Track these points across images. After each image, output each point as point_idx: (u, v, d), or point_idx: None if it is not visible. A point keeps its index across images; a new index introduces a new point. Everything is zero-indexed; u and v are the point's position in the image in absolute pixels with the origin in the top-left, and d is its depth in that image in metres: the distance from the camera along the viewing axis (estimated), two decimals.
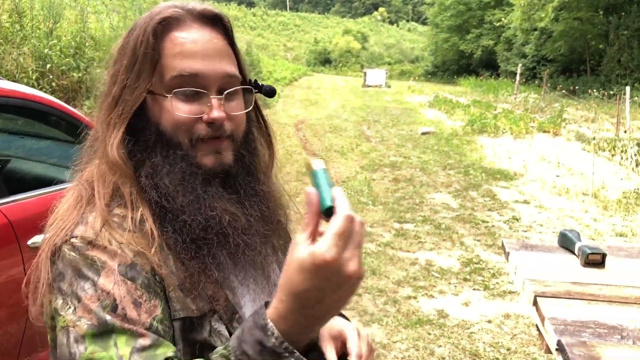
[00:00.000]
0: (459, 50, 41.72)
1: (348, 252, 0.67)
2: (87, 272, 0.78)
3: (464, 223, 6.36)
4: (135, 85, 0.86)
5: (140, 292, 0.79)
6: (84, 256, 0.79)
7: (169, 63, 0.86)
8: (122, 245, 0.80)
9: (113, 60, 0.91)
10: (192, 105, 0.87)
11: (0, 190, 2.19)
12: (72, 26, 10.10)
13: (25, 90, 2.63)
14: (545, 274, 2.28)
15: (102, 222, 0.82)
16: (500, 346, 3.66)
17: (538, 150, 11.17)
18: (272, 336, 0.68)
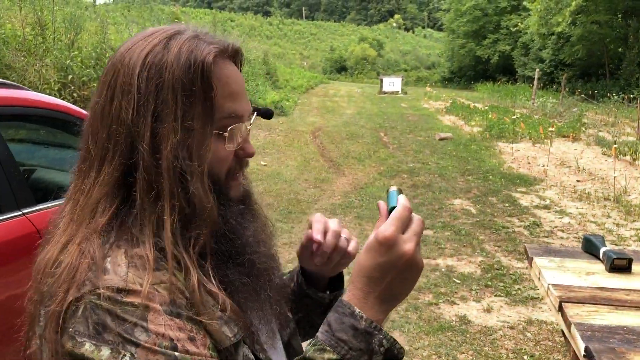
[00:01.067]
0: (475, 56, 41.57)
1: (406, 234, 0.80)
2: (131, 318, 0.73)
3: (484, 229, 6.32)
4: (205, 129, 0.82)
5: (189, 326, 0.77)
6: (122, 303, 0.74)
7: (221, 104, 0.84)
8: (155, 285, 0.76)
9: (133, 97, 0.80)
10: (234, 141, 0.87)
11: (28, 199, 2.23)
12: (93, 38, 10.26)
13: (49, 100, 2.68)
14: (570, 280, 2.26)
15: (126, 265, 0.77)
16: (524, 353, 3.63)
17: (557, 155, 11.07)
18: (362, 319, 0.78)
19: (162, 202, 0.79)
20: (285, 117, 16.08)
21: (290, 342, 1.01)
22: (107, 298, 0.74)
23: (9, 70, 8.11)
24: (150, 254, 0.78)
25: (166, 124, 0.79)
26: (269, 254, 0.95)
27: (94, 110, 0.84)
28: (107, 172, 0.81)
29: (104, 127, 0.81)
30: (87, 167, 0.84)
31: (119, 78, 0.82)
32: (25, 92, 2.58)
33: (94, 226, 0.79)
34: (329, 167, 9.69)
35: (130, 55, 0.83)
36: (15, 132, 2.83)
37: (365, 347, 0.78)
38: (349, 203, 7.30)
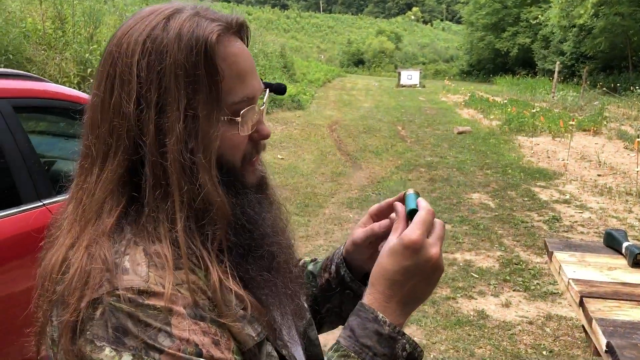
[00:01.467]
0: (494, 49, 41.13)
1: (431, 238, 0.80)
2: (155, 323, 0.69)
3: (502, 223, 6.26)
4: (211, 117, 0.76)
5: (213, 329, 0.72)
6: (144, 306, 0.69)
7: (229, 87, 0.78)
8: (177, 285, 0.72)
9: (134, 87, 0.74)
10: (247, 124, 0.81)
11: (48, 191, 2.25)
12: (111, 31, 10.32)
13: (69, 92, 2.70)
14: (591, 275, 2.23)
15: (146, 264, 0.72)
16: (543, 348, 3.59)
17: (578, 149, 10.93)
18: (386, 324, 0.78)
19: (171, 199, 0.74)
20: (302, 111, 16.07)
21: (306, 333, 0.98)
22: (128, 300, 0.69)
23: (30, 63, 8.20)
24: (169, 252, 0.73)
25: (170, 114, 0.74)
26: (287, 244, 0.90)
27: (93, 103, 0.78)
28: (111, 169, 0.76)
29: (105, 121, 0.76)
30: (89, 164, 0.78)
31: (117, 67, 0.76)
32: (46, 84, 2.60)
33: (102, 228, 0.74)
34: (346, 161, 9.67)
35: (128, 40, 0.76)
36: (36, 124, 2.86)
37: (389, 352, 0.77)
38: (365, 197, 7.28)
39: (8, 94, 2.20)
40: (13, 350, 2.02)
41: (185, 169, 0.74)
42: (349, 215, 6.45)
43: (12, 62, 7.69)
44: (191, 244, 0.75)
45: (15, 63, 7.74)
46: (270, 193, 0.92)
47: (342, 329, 0.81)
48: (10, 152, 2.11)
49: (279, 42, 27.40)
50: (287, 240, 0.91)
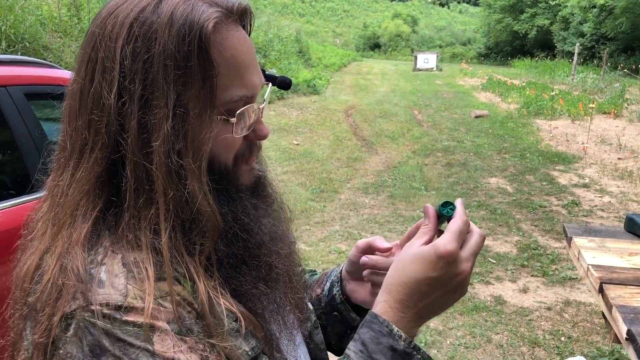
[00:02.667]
0: (512, 31, 40.51)
1: (465, 252, 0.73)
2: (135, 342, 0.62)
3: (520, 208, 6.19)
4: (203, 116, 0.67)
5: (202, 344, 0.66)
6: (123, 323, 0.62)
7: (224, 83, 0.69)
8: (159, 299, 0.64)
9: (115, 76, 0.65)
10: (243, 123, 0.73)
11: None
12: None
13: None
14: (611, 260, 2.18)
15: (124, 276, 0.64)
16: (561, 334, 3.55)
17: (598, 132, 10.75)
18: (401, 339, 0.70)
19: (155, 206, 0.66)
20: (317, 96, 16.00)
21: (311, 336, 0.93)
22: (104, 316, 0.61)
23: (46, 51, 8.24)
24: (150, 261, 0.65)
25: (156, 110, 0.65)
26: (288, 251, 0.82)
27: (72, 90, 0.69)
28: (86, 167, 0.67)
29: (83, 112, 0.67)
30: (65, 158, 0.70)
31: (99, 51, 0.66)
32: (58, 71, 2.60)
33: (76, 234, 0.66)
34: (362, 146, 9.62)
35: (114, 21, 0.67)
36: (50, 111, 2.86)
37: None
38: (381, 182, 7.24)
39: (20, 81, 2.20)
40: None
41: (171, 174, 0.66)
42: (364, 200, 6.42)
43: (28, 49, 7.73)
44: (176, 254, 0.67)
45: (32, 51, 7.78)
46: (268, 194, 0.83)
47: (352, 340, 0.73)
48: (22, 139, 2.11)
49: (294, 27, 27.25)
50: (287, 246, 0.82)
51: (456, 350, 3.34)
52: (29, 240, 0.73)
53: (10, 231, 1.96)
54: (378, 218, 5.70)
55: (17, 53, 7.31)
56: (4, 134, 2.14)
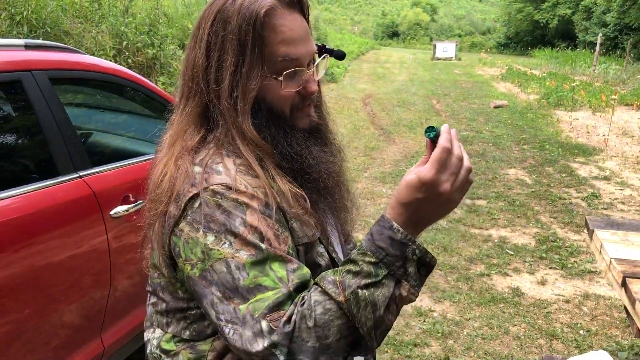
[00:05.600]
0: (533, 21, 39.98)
1: (444, 175, 0.90)
2: (236, 212, 0.93)
3: (539, 200, 6.14)
4: (251, 74, 0.99)
5: (276, 225, 0.95)
6: (230, 199, 0.94)
7: (274, 50, 1.00)
8: (255, 188, 0.96)
9: (204, 45, 1.01)
10: (293, 81, 1.04)
11: (84, 162, 2.27)
12: (147, 4, 10.36)
13: (106, 64, 2.71)
14: (634, 254, 2.16)
15: (234, 170, 0.97)
16: (580, 327, 3.53)
17: (619, 124, 10.60)
18: (399, 232, 0.92)
19: (230, 132, 1.01)
20: (335, 84, 15.94)
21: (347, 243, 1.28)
22: (218, 193, 0.94)
23: (67, 36, 8.29)
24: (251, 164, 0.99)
25: (224, 70, 0.99)
26: (336, 179, 1.13)
27: (185, 55, 1.06)
28: (191, 106, 1.04)
29: (188, 69, 1.04)
30: (182, 100, 1.06)
31: (199, 29, 1.03)
32: (82, 56, 2.61)
33: (187, 146, 1.02)
34: (380, 135, 9.58)
35: (209, 10, 1.02)
36: (73, 96, 2.88)
37: (400, 254, 0.91)
38: (399, 172, 7.21)
39: (44, 66, 2.21)
40: (54, 318, 2.06)
41: (230, 111, 1.00)
42: (382, 190, 6.41)
43: (49, 35, 7.78)
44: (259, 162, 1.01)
45: (53, 36, 7.83)
46: (325, 137, 1.15)
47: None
48: (46, 123, 2.12)
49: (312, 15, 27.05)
50: (337, 174, 1.13)
51: (473, 341, 3.33)
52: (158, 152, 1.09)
53: (33, 215, 1.98)
54: None
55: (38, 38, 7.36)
56: (29, 119, 2.16)
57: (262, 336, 0.88)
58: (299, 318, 0.88)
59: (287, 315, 0.89)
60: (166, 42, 9.94)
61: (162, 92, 2.96)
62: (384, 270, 0.91)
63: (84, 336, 2.25)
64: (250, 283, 0.90)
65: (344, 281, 0.90)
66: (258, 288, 0.90)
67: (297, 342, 0.88)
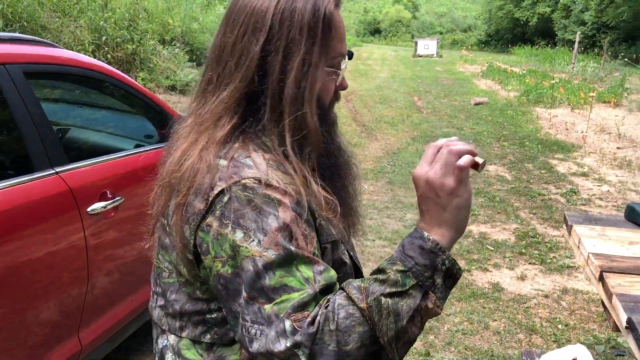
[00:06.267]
0: (513, 18, 40.34)
1: (432, 170, 0.93)
2: (267, 209, 0.90)
3: (519, 196, 6.20)
4: (319, 65, 1.00)
5: (304, 225, 0.93)
6: (261, 195, 0.91)
7: (333, 45, 1.03)
8: (286, 184, 0.94)
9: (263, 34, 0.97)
10: (339, 77, 1.08)
11: (61, 158, 2.23)
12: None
13: (84, 59, 2.66)
14: (611, 249, 2.18)
15: (265, 164, 0.95)
16: (558, 322, 3.57)
17: (597, 121, 10.74)
18: (429, 241, 0.91)
19: (283, 122, 0.98)
20: None
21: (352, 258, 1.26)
22: (249, 188, 0.91)
23: (45, 31, 8.16)
24: (281, 159, 0.98)
25: (291, 59, 0.98)
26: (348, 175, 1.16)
27: (222, 44, 1.02)
28: (229, 93, 0.99)
29: (233, 57, 0.99)
30: (212, 88, 1.02)
31: (251, 18, 0.99)
32: (59, 50, 2.56)
33: (215, 137, 0.98)
34: (361, 132, 9.59)
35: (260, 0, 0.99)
36: (50, 91, 2.83)
37: (429, 264, 0.90)
38: (381, 168, 7.23)
39: (19, 59, 2.16)
40: (30, 316, 2.03)
41: (296, 100, 0.98)
42: (363, 186, 6.41)
43: (26, 29, 7.66)
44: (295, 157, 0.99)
45: (30, 30, 7.70)
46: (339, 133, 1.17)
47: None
48: (21, 118, 2.08)
49: None
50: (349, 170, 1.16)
51: (454, 337, 3.35)
52: (175, 142, 1.04)
53: (9, 211, 1.94)
54: (377, 204, 5.70)
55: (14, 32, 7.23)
56: (2, 113, 2.12)
57: (285, 336, 0.86)
58: (322, 320, 0.87)
59: (312, 316, 0.87)
60: (146, 37, 9.84)
61: (141, 87, 2.93)
62: (412, 280, 0.89)
63: (61, 334, 2.22)
64: (276, 283, 0.88)
65: (368, 288, 0.89)
66: (284, 288, 0.88)
67: (319, 344, 0.86)
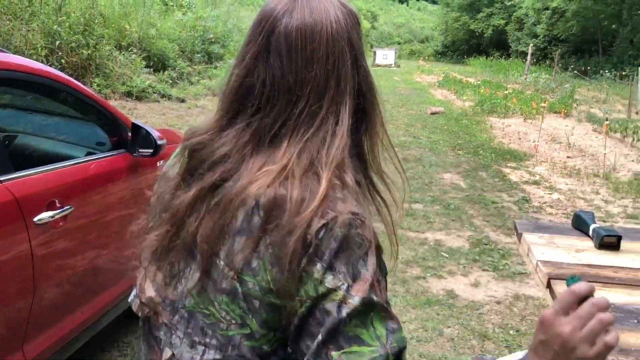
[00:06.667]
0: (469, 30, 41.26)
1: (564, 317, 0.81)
2: (359, 252, 0.83)
3: (473, 204, 6.32)
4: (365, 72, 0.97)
5: (377, 270, 0.86)
6: (357, 235, 0.83)
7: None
8: (370, 221, 0.87)
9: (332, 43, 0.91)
10: None
11: (5, 166, 2.16)
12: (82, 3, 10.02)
13: (34, 65, 2.59)
14: (559, 256, 2.24)
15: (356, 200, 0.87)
16: (510, 327, 3.64)
17: (548, 131, 11.06)
18: None
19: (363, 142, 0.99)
20: None
21: None
22: (349, 225, 0.82)
23: None
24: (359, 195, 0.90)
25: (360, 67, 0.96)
26: None
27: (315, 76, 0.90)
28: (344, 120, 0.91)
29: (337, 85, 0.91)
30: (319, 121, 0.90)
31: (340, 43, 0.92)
32: (7, 55, 2.49)
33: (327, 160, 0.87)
34: None
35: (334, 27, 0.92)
36: None
37: None
38: None
39: None
40: None
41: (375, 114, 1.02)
42: None
43: None
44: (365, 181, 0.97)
45: None
46: None
47: None
48: None
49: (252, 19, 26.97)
50: None
51: (408, 344, 3.39)
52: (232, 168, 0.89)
53: None
54: None
55: None
56: None
57: None
58: None
59: None
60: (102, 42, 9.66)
61: (93, 94, 2.87)
62: None
63: (3, 348, 2.14)
64: (350, 332, 0.82)
65: None
66: (355, 339, 0.82)
67: None
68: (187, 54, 13.11)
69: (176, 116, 9.50)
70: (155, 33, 12.03)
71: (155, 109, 9.60)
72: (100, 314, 2.73)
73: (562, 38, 30.73)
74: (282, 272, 0.82)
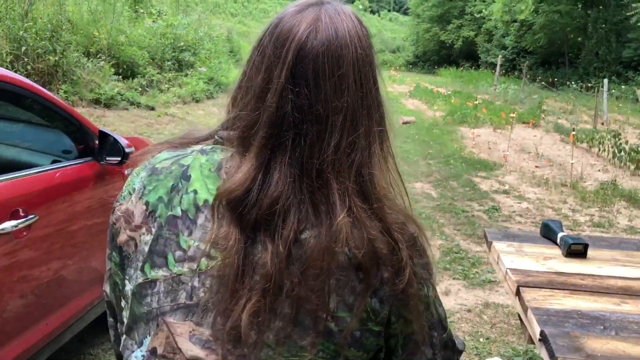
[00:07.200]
0: (439, 41, 41.78)
1: None
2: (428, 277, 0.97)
3: (444, 212, 6.37)
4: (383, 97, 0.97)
5: None
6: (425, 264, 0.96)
7: None
8: None
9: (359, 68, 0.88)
10: None
11: None
12: (49, 8, 9.84)
13: None
14: (527, 264, 2.26)
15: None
16: (480, 335, 3.67)
17: (517, 141, 11.24)
18: None
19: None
20: None
21: None
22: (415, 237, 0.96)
23: None
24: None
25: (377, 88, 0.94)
26: None
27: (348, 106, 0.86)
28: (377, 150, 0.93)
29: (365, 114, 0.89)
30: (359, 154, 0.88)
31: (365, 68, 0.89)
32: None
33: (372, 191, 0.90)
34: None
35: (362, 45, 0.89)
36: None
37: None
38: None
39: None
40: None
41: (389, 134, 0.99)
42: None
43: None
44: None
45: None
46: None
47: None
48: None
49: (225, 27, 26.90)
50: None
51: None
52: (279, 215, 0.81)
53: None
54: None
55: None
56: None
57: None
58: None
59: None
60: (70, 49, 9.50)
61: (59, 101, 2.81)
62: None
63: None
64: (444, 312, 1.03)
65: None
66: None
67: None
68: (157, 61, 12.97)
69: (146, 124, 9.39)
70: (124, 40, 11.89)
71: (124, 117, 9.47)
72: (65, 325, 2.66)
73: (530, 50, 31.35)
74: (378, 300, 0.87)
